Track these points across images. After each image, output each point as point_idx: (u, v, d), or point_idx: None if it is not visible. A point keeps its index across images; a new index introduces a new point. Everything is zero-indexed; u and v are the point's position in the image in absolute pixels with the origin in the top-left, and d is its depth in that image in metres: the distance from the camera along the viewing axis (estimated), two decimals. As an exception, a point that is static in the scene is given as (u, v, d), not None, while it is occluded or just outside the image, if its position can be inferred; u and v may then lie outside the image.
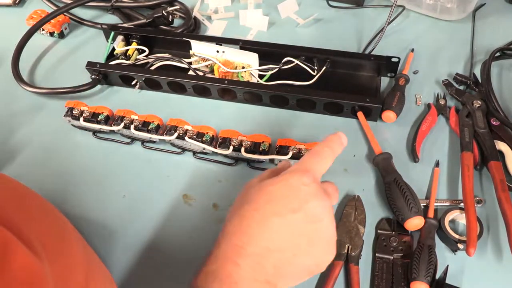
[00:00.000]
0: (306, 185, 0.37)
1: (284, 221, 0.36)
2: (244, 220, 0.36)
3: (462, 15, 0.73)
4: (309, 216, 0.36)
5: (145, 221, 0.53)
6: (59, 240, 0.36)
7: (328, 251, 0.38)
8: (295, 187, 0.37)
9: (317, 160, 0.40)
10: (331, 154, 0.40)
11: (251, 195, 0.38)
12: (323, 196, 0.38)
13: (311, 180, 0.37)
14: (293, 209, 0.36)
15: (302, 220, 0.36)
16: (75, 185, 0.56)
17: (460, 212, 0.51)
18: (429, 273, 0.45)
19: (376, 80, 0.65)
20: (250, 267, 0.34)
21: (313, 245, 0.37)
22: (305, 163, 0.39)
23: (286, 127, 0.61)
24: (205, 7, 0.79)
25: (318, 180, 0.39)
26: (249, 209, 0.37)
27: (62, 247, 0.35)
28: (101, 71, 0.65)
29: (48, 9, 0.76)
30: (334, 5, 0.78)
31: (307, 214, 0.36)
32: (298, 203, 0.36)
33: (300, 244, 0.36)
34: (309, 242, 0.36)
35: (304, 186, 0.37)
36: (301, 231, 0.36)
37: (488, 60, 0.65)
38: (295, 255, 0.36)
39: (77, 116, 0.59)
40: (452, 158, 0.57)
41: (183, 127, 0.57)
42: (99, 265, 0.43)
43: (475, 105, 0.60)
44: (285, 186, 0.37)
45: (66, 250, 0.36)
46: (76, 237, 0.41)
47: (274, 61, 0.64)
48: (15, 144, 0.61)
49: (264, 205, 0.37)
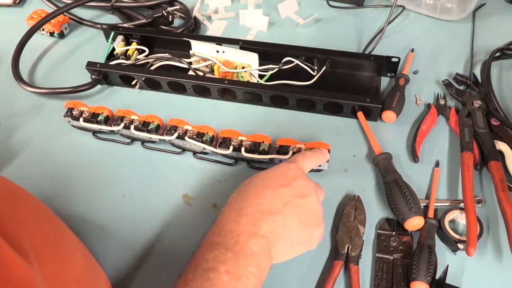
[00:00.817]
0: (292, 169, 0.45)
1: (274, 192, 0.42)
2: (243, 195, 0.43)
3: (462, 15, 0.73)
4: (296, 191, 0.43)
5: (145, 221, 0.53)
6: (53, 243, 0.36)
7: (317, 223, 0.44)
8: (283, 171, 0.45)
9: (303, 157, 0.48)
10: (315, 158, 0.50)
11: (248, 182, 0.45)
12: (308, 179, 0.45)
13: (296, 167, 0.45)
14: (283, 185, 0.43)
15: (291, 193, 0.43)
16: (75, 185, 0.56)
17: (460, 212, 0.51)
18: (429, 273, 0.45)
19: (376, 80, 0.65)
20: (249, 223, 0.39)
21: (302, 215, 0.43)
22: (296, 157, 0.49)
23: (286, 127, 0.61)
24: (205, 7, 0.79)
25: (304, 171, 0.46)
26: (246, 186, 0.44)
27: (56, 251, 0.35)
28: (101, 71, 0.65)
29: (48, 9, 0.76)
30: (334, 5, 0.78)
31: (294, 189, 0.43)
32: (286, 181, 0.43)
33: (289, 212, 0.42)
34: (297, 213, 0.42)
35: (291, 170, 0.45)
36: (289, 201, 0.42)
37: (488, 60, 0.65)
38: (286, 221, 0.41)
39: (77, 116, 0.59)
40: (452, 158, 0.57)
41: (183, 127, 0.57)
42: (95, 268, 0.43)
43: (475, 105, 0.60)
44: (275, 171, 0.45)
45: (60, 254, 0.36)
46: (72, 240, 0.41)
47: (274, 61, 0.64)
48: (15, 144, 0.61)
49: (259, 183, 0.44)
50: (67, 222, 0.52)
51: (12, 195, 0.36)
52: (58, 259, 0.35)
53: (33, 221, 0.36)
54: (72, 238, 0.41)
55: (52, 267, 0.33)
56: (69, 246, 0.39)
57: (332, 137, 0.60)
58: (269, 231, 0.40)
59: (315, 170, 0.55)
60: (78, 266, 0.38)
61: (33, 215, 0.37)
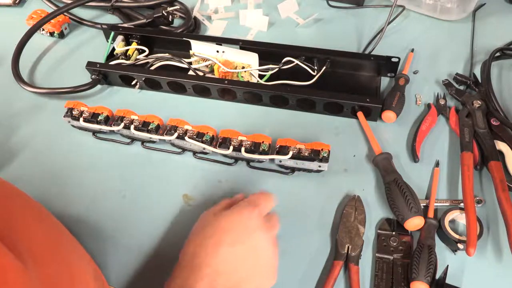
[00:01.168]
0: (253, 219, 0.44)
1: (232, 250, 0.42)
2: (202, 247, 0.43)
3: (462, 15, 0.73)
4: (253, 246, 0.43)
5: (145, 221, 0.53)
6: (50, 245, 0.36)
7: (269, 277, 0.44)
8: (244, 221, 0.44)
9: (264, 200, 0.47)
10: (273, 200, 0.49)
11: (208, 225, 0.45)
12: (267, 229, 0.45)
13: (257, 215, 0.45)
14: (241, 241, 0.43)
15: (248, 250, 0.43)
16: (75, 185, 0.56)
17: (460, 212, 0.51)
18: (429, 273, 0.45)
19: (376, 80, 0.65)
20: (206, 284, 0.40)
21: (255, 272, 0.43)
22: (255, 200, 0.47)
23: (286, 127, 0.61)
24: (205, 7, 0.79)
25: (263, 214, 0.46)
26: (206, 236, 0.43)
27: (53, 253, 0.35)
28: (101, 71, 0.65)
29: (48, 9, 0.76)
30: (334, 5, 0.78)
31: (252, 245, 0.43)
32: (245, 236, 0.43)
33: (244, 270, 0.42)
34: (252, 269, 0.43)
35: (251, 220, 0.44)
36: (245, 259, 0.43)
37: (488, 60, 0.65)
38: (241, 279, 0.42)
39: (77, 116, 0.59)
40: (452, 158, 0.57)
41: (183, 127, 0.57)
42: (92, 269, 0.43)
43: (475, 105, 0.60)
44: (236, 220, 0.44)
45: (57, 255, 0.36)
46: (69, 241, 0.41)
47: (274, 61, 0.64)
48: (15, 144, 0.61)
49: (219, 234, 0.43)
50: (67, 222, 0.52)
51: (6, 196, 0.36)
52: (55, 260, 0.35)
53: (29, 222, 0.36)
54: (69, 239, 0.41)
55: (48, 269, 0.33)
56: (66, 247, 0.39)
57: (332, 137, 0.60)
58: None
59: (315, 171, 0.55)
60: (75, 267, 0.38)
61: (28, 216, 0.37)
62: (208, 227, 0.44)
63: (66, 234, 0.42)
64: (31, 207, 0.39)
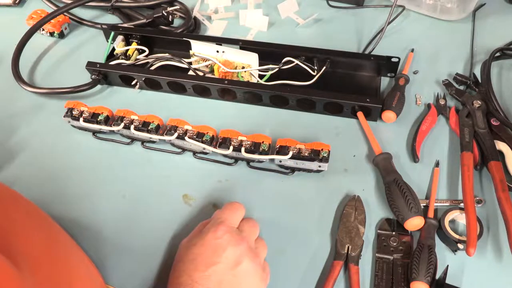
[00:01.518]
0: (219, 238, 0.44)
1: (206, 276, 0.42)
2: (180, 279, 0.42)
3: (462, 15, 0.73)
4: (229, 263, 0.42)
5: (145, 221, 0.53)
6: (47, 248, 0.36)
7: (257, 284, 0.44)
8: (212, 244, 0.43)
9: (230, 212, 0.47)
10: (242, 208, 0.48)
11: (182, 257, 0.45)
12: (238, 241, 0.44)
13: (224, 231, 0.44)
14: (213, 262, 0.42)
15: (224, 269, 0.42)
16: (75, 185, 0.56)
17: (460, 212, 0.51)
18: (429, 273, 0.45)
19: (376, 80, 0.65)
20: None
21: (240, 286, 0.42)
22: (220, 217, 0.46)
23: (286, 127, 0.61)
24: (205, 7, 0.79)
25: (233, 228, 0.45)
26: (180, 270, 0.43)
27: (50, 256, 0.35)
28: (101, 71, 0.65)
29: (48, 9, 0.76)
30: (334, 5, 0.78)
31: (226, 262, 0.42)
32: (216, 255, 0.43)
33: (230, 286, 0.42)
34: (236, 285, 0.42)
35: (218, 240, 0.43)
36: (224, 277, 0.42)
37: (488, 60, 0.65)
38: None
39: (76, 116, 0.59)
40: (452, 158, 0.57)
41: (183, 127, 0.57)
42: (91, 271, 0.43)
43: (475, 105, 0.60)
44: (203, 246, 0.44)
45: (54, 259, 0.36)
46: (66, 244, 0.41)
47: (274, 61, 0.64)
48: (15, 144, 0.61)
49: (189, 265, 0.43)
50: (66, 222, 0.53)
51: (2, 200, 0.36)
52: (52, 264, 0.35)
53: (24, 225, 0.36)
54: (66, 241, 0.41)
55: (45, 273, 0.33)
56: (63, 250, 0.38)
57: (332, 137, 0.60)
58: None
59: (315, 171, 0.55)
60: (72, 270, 0.38)
61: (24, 220, 0.36)
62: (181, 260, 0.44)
63: (63, 237, 0.41)
64: (26, 210, 0.39)
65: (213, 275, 0.42)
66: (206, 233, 0.44)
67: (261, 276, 0.44)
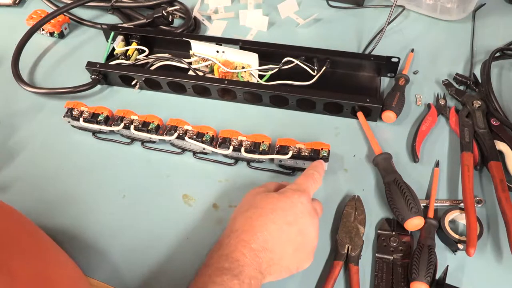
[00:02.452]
0: (303, 204, 0.46)
1: (279, 229, 0.44)
2: (250, 221, 0.44)
3: (462, 15, 0.73)
4: (300, 229, 0.45)
5: (145, 221, 0.53)
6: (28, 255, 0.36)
7: (308, 258, 0.46)
8: (294, 204, 0.45)
9: (311, 183, 0.49)
10: (320, 177, 0.50)
11: (257, 202, 0.46)
12: (314, 215, 0.46)
13: (307, 200, 0.46)
14: (289, 222, 0.44)
15: (294, 232, 0.44)
16: (75, 185, 0.56)
17: (460, 212, 0.51)
18: (429, 273, 0.45)
19: (376, 80, 0.65)
20: (252, 258, 0.42)
21: (297, 253, 0.45)
22: (303, 184, 0.48)
23: (286, 127, 0.61)
24: (205, 7, 0.79)
25: (311, 199, 0.47)
26: (255, 213, 0.44)
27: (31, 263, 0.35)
28: (101, 71, 0.65)
29: (48, 9, 0.76)
30: (334, 5, 0.78)
31: (299, 228, 0.45)
32: (293, 218, 0.44)
33: (287, 250, 0.44)
34: (294, 250, 0.44)
35: (301, 205, 0.45)
36: (290, 240, 0.44)
37: (488, 60, 0.65)
38: (282, 258, 0.44)
39: (76, 116, 0.59)
40: (452, 158, 0.57)
41: (183, 127, 0.57)
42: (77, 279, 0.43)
43: (475, 105, 0.60)
44: (287, 202, 0.45)
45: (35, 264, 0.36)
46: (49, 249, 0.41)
47: (274, 61, 0.64)
48: (15, 144, 0.61)
49: (268, 213, 0.44)
50: (66, 222, 0.53)
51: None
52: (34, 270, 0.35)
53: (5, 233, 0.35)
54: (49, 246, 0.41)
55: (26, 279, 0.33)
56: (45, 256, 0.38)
57: (332, 137, 0.60)
58: (265, 267, 0.43)
59: (315, 170, 0.55)
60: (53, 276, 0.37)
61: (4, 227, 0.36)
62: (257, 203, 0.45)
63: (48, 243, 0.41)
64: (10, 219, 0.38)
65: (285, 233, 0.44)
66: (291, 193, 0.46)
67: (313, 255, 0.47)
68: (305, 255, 0.46)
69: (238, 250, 0.42)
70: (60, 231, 0.52)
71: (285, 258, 0.44)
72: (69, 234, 0.52)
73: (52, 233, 0.51)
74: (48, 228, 0.52)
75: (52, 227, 0.52)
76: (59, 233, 0.52)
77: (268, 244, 0.43)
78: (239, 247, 0.42)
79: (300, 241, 0.45)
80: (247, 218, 0.44)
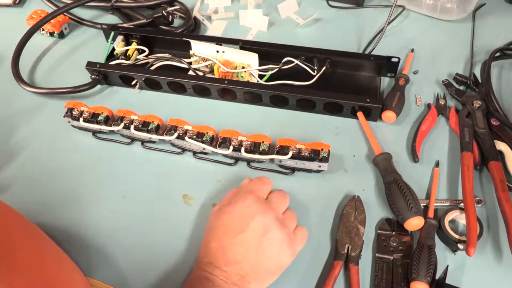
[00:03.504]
0: (249, 207, 0.46)
1: (234, 242, 0.44)
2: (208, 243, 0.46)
3: (462, 15, 0.73)
4: (256, 231, 0.45)
5: (145, 221, 0.53)
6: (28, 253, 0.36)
7: (282, 254, 0.46)
8: (241, 212, 0.46)
9: (259, 183, 0.50)
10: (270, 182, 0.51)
11: (211, 223, 0.48)
12: (266, 211, 0.46)
13: (253, 201, 0.47)
14: (241, 230, 0.45)
15: (250, 237, 0.45)
16: (75, 185, 0.56)
17: (460, 212, 0.51)
18: (429, 273, 0.45)
19: (376, 80, 0.65)
20: (221, 275, 0.43)
21: (266, 253, 0.45)
22: (249, 187, 0.49)
23: (286, 127, 0.61)
24: (205, 7, 0.79)
25: (261, 198, 0.48)
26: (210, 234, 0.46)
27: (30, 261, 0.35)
28: (101, 71, 0.65)
29: (48, 9, 0.76)
30: (334, 5, 0.78)
31: (254, 230, 0.45)
32: (244, 224, 0.45)
33: (252, 255, 0.44)
34: (262, 252, 0.44)
35: (248, 208, 0.46)
36: (251, 245, 0.44)
37: (488, 60, 0.65)
38: (252, 264, 0.44)
39: (76, 116, 0.59)
40: (452, 158, 0.57)
41: (183, 127, 0.57)
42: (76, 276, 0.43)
43: (475, 105, 0.60)
44: (233, 213, 0.46)
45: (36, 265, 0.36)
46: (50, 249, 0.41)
47: (274, 61, 0.64)
48: (15, 144, 0.61)
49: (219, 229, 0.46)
50: (66, 221, 0.53)
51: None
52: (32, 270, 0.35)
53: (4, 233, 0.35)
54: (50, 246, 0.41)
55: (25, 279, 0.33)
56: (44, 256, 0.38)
57: (332, 137, 0.60)
58: (238, 278, 0.43)
59: (315, 171, 0.55)
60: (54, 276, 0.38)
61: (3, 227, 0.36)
62: (213, 225, 0.47)
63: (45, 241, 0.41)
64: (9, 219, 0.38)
65: (241, 242, 0.44)
66: (235, 202, 0.47)
67: (288, 244, 0.46)
68: (275, 252, 0.45)
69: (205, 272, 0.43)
70: (60, 231, 0.52)
71: (255, 263, 0.44)
72: (69, 233, 0.52)
73: (53, 233, 0.51)
74: (48, 228, 0.52)
75: (52, 227, 0.52)
76: (59, 232, 0.52)
77: (229, 257, 0.44)
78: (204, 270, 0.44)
79: (262, 241, 0.45)
80: (206, 243, 0.46)
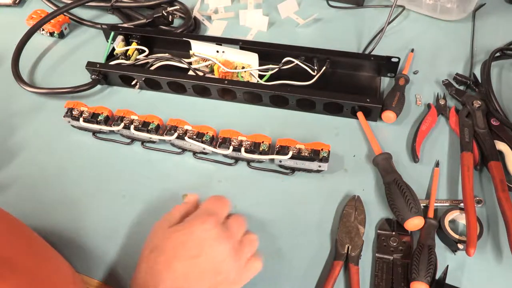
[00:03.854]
0: (206, 230, 0.42)
1: (186, 265, 0.41)
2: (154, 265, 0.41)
3: (462, 15, 0.73)
4: (210, 258, 0.41)
5: (144, 221, 0.53)
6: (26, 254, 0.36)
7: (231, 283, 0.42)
8: (196, 235, 0.42)
9: (219, 205, 0.46)
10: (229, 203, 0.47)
11: (159, 241, 0.43)
12: (223, 239, 0.42)
13: (213, 226, 0.42)
14: (194, 255, 0.41)
15: (203, 262, 0.41)
16: (75, 185, 0.56)
17: (460, 212, 0.51)
18: (429, 273, 0.45)
19: (376, 80, 0.65)
20: None
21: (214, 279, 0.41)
22: (209, 208, 0.45)
23: (286, 127, 0.61)
24: (205, 7, 0.79)
25: (220, 222, 0.44)
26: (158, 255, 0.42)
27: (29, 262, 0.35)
28: (101, 71, 0.65)
29: (48, 9, 0.76)
30: (334, 5, 0.78)
31: (208, 257, 0.41)
32: (200, 249, 0.41)
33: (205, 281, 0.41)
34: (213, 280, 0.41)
35: (205, 232, 0.42)
36: (204, 270, 0.41)
37: (488, 60, 0.65)
38: None
39: (76, 116, 0.59)
40: (452, 158, 0.57)
41: (183, 127, 0.57)
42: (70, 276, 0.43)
43: (475, 105, 0.60)
44: (187, 234, 0.42)
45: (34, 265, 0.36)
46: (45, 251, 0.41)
47: (274, 61, 0.64)
48: (15, 144, 0.61)
49: (169, 252, 0.41)
50: (66, 221, 0.53)
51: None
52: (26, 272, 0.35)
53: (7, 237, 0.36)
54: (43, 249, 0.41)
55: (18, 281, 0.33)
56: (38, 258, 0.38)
57: (332, 137, 0.60)
58: None
59: (315, 171, 0.55)
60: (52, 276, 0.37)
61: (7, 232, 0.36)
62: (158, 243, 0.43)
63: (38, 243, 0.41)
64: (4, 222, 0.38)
65: (193, 267, 0.41)
66: (193, 223, 0.43)
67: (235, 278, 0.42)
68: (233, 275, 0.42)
69: None
70: (60, 231, 0.52)
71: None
72: (69, 233, 0.52)
73: (52, 233, 0.51)
74: (48, 228, 0.52)
75: (52, 227, 0.52)
76: (59, 232, 0.52)
77: (179, 282, 0.40)
78: None
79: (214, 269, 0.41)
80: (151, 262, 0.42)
